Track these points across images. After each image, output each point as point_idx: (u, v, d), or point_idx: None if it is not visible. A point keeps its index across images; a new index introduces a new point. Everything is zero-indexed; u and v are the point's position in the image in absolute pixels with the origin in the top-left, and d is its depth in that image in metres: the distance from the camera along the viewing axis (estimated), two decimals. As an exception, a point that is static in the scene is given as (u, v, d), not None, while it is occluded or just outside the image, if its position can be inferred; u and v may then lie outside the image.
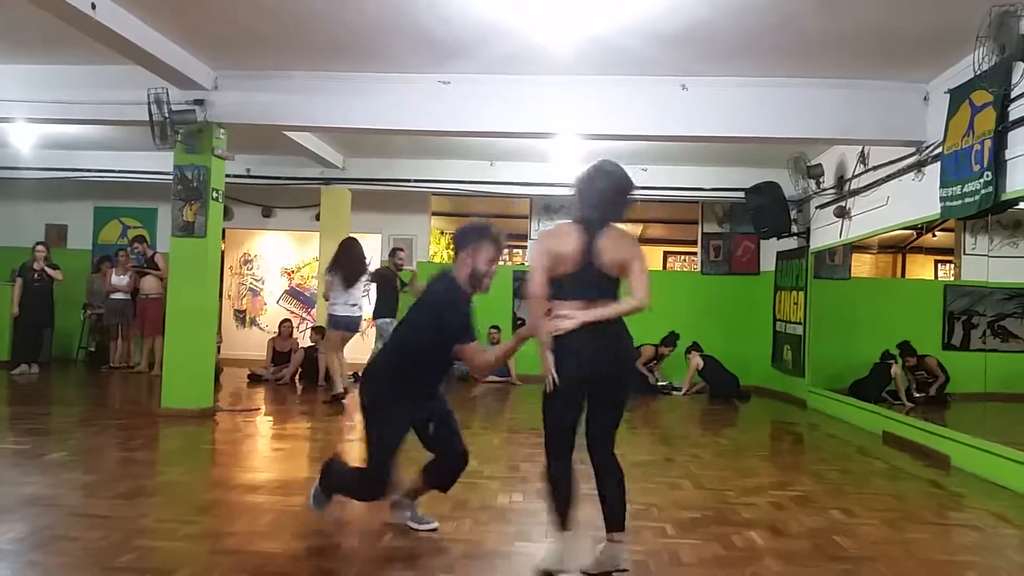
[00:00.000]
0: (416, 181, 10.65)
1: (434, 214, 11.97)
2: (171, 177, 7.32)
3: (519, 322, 11.33)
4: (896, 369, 8.64)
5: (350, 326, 8.61)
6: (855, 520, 4.36)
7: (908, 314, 9.56)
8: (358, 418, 4.34)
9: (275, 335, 10.73)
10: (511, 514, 4.24)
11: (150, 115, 6.82)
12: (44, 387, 9.21)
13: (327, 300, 8.64)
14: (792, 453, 7.09)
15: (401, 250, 9.82)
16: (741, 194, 9.94)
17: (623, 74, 6.72)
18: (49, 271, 10.33)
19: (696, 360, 10.20)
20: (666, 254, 14.72)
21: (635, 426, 8.08)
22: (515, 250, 14.18)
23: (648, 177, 10.42)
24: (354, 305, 8.56)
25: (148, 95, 6.76)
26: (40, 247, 10.45)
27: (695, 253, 11.88)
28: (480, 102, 6.93)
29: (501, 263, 4.14)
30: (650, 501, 4.62)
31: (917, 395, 8.70)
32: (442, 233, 13.22)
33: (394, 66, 6.75)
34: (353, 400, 8.64)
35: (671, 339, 10.47)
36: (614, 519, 3.32)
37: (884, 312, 9.53)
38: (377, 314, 9.12)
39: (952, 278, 10.01)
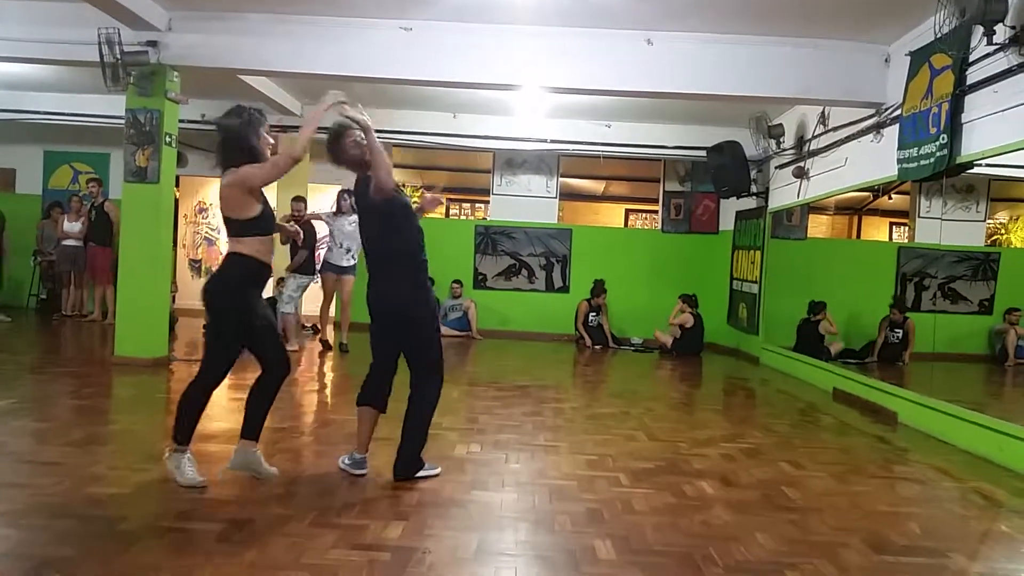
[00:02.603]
0: (376, 132, 10.43)
1: (396, 166, 11.79)
2: (123, 121, 7.11)
3: (480, 276, 11.34)
4: (824, 325, 8.83)
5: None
6: (803, 472, 4.48)
7: (862, 275, 9.71)
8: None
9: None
10: (468, 464, 4.28)
11: (101, 56, 6.60)
12: (-8, 335, 9.01)
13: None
14: (744, 408, 7.23)
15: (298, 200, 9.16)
16: (703, 153, 9.98)
17: (589, 27, 6.65)
18: None
19: (686, 316, 10.32)
20: (627, 211, 14.77)
21: (592, 380, 8.19)
22: (477, 204, 14.12)
23: (611, 133, 10.44)
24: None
25: (99, 35, 6.53)
26: None
27: (656, 211, 11.93)
28: (443, 51, 6.81)
29: (464, 218, 4.22)
30: (605, 452, 4.70)
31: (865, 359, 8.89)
32: (403, 186, 13.06)
33: (354, 10, 6.60)
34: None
35: (598, 288, 10.66)
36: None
37: (838, 273, 9.69)
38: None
39: (906, 240, 10.17)
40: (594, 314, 10.70)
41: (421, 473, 3.95)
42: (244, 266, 3.63)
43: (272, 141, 3.85)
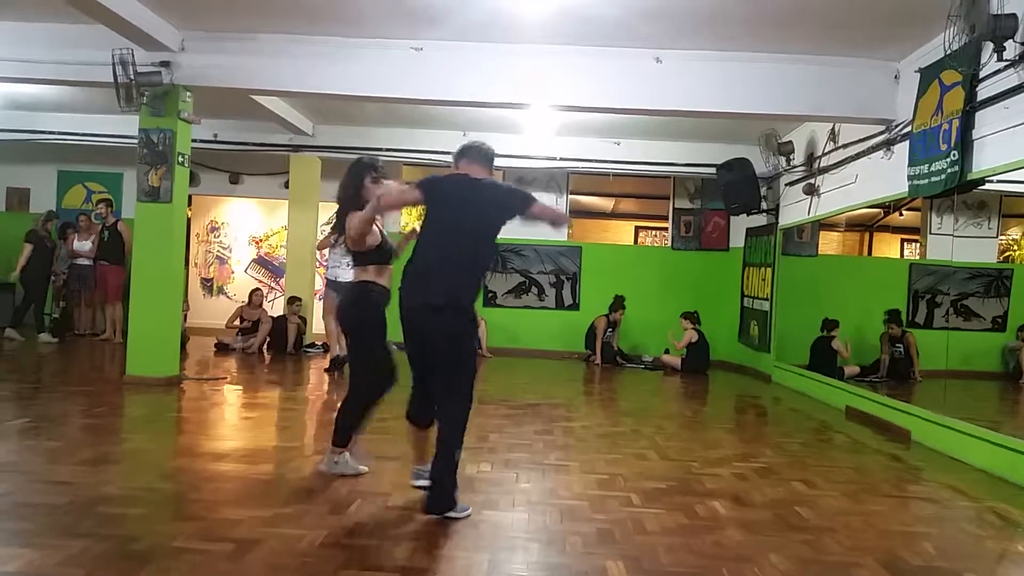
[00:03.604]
0: (387, 150, 10.54)
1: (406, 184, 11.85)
2: (136, 141, 7.18)
3: (490, 294, 11.34)
4: (837, 342, 8.79)
5: None
6: (816, 491, 4.44)
7: (874, 292, 9.67)
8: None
9: (244, 303, 10.61)
10: (479, 483, 4.26)
11: (115, 77, 6.66)
12: (6, 354, 9.05)
13: (323, 263, 8.72)
14: (756, 426, 7.19)
15: None
16: (712, 170, 9.98)
17: (597, 45, 6.67)
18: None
19: (691, 332, 10.30)
20: (637, 229, 14.77)
21: (603, 398, 8.17)
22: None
23: (620, 151, 10.46)
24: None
25: (113, 56, 6.60)
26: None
27: (666, 228, 11.93)
28: (453, 70, 6.85)
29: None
30: (616, 471, 4.67)
31: (874, 377, 8.81)
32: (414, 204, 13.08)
33: (366, 31, 6.65)
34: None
35: (617, 303, 10.61)
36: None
37: (850, 290, 9.65)
38: None
39: (917, 257, 10.13)
40: (610, 331, 10.67)
41: (452, 514, 3.65)
42: (372, 291, 4.17)
43: (382, 183, 4.20)
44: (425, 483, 3.82)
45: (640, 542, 3.44)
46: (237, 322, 10.34)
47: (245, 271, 13.17)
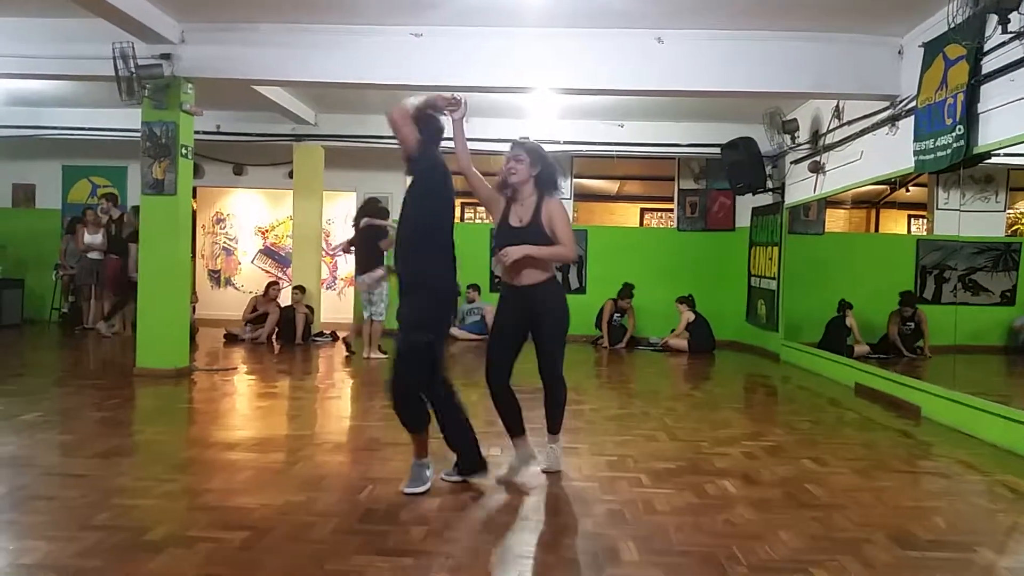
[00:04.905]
0: (390, 138, 10.43)
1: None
2: (139, 134, 7.18)
3: (496, 280, 11.32)
4: (851, 319, 8.77)
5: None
6: (826, 469, 4.45)
7: (881, 268, 9.64)
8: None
9: (259, 294, 10.57)
10: (490, 467, 4.26)
11: (116, 70, 6.67)
12: (17, 349, 9.11)
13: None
14: (765, 405, 7.20)
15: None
16: (717, 150, 9.94)
17: (599, 27, 6.65)
18: None
19: (688, 314, 10.31)
20: (643, 211, 14.71)
21: (611, 381, 8.17)
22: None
23: (624, 133, 10.42)
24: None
25: (113, 50, 6.61)
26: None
27: (671, 210, 11.89)
28: (453, 56, 6.83)
29: (480, 222, 4.32)
30: (626, 453, 4.69)
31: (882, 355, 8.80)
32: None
33: (365, 17, 6.63)
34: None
35: (626, 291, 10.60)
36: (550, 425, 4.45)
37: (857, 267, 9.61)
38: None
39: (924, 233, 10.08)
40: (618, 315, 10.67)
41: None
42: None
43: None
44: (457, 478, 4.02)
45: (650, 522, 3.46)
46: (252, 313, 10.34)
47: (252, 262, 13.19)
